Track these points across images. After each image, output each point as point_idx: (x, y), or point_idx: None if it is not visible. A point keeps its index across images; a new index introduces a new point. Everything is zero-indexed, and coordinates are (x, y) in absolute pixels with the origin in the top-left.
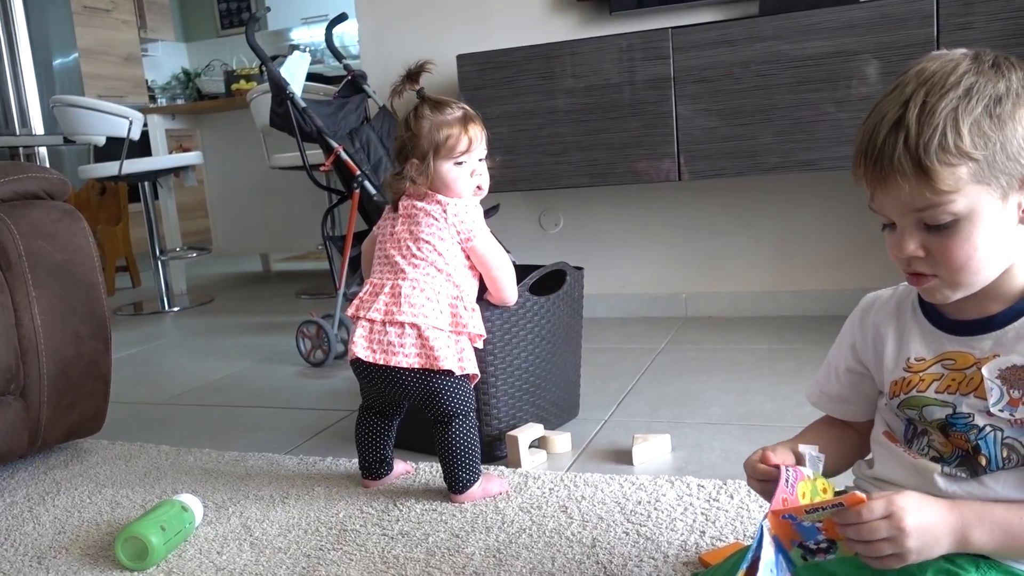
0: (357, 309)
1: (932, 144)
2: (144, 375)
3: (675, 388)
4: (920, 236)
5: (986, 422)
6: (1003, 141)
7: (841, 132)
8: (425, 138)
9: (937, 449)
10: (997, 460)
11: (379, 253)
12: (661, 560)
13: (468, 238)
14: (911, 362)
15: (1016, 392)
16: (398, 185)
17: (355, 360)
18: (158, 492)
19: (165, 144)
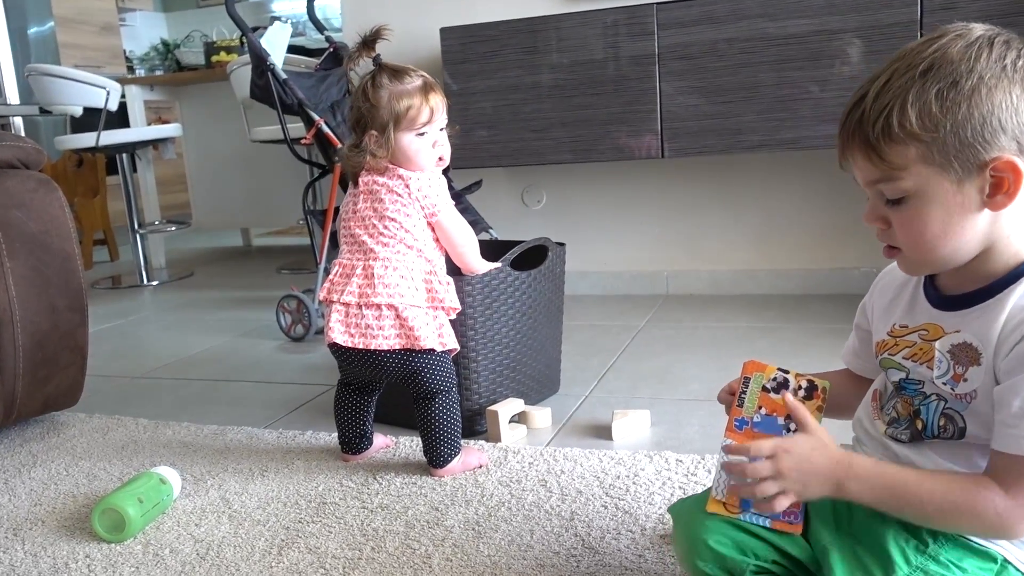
0: (329, 292)
1: (879, 123)
2: (122, 349)
3: (655, 365)
4: (882, 208)
5: (933, 391)
6: (955, 125)
7: (823, 111)
8: (384, 108)
9: (897, 411)
10: (933, 427)
11: (344, 232)
12: (639, 533)
13: (433, 213)
14: (895, 327)
15: (960, 368)
16: (356, 159)
17: (333, 343)
18: (136, 465)
19: (143, 115)
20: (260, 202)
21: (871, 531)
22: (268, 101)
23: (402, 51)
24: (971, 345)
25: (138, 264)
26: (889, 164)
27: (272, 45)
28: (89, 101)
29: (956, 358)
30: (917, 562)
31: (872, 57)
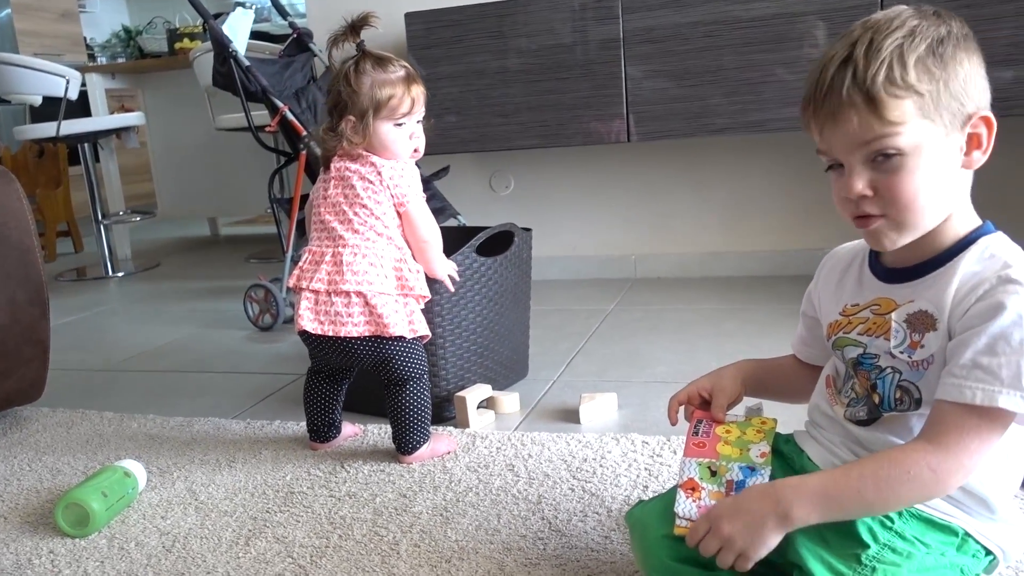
0: (299, 280)
1: (879, 76)
2: (87, 341)
3: (623, 348)
4: (868, 175)
5: (888, 364)
6: (946, 79)
7: (788, 93)
8: (366, 95)
9: (855, 391)
10: (890, 400)
11: (315, 219)
12: (605, 514)
13: (402, 202)
14: (847, 307)
15: (917, 335)
16: (331, 143)
17: (303, 331)
18: (100, 458)
19: (105, 104)
20: (227, 191)
21: None
22: (231, 88)
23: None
24: (927, 312)
25: (103, 255)
26: (889, 119)
27: (234, 31)
28: (49, 90)
29: (912, 326)
30: (884, 539)
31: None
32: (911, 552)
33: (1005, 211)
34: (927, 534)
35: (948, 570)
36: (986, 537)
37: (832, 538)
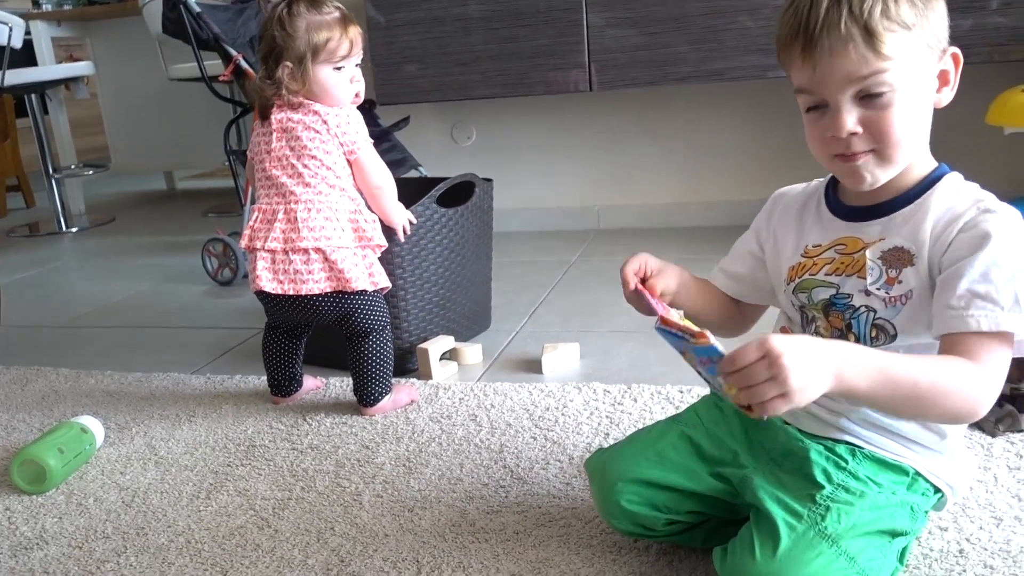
0: (251, 240)
1: (876, 10)
2: (41, 298)
3: (586, 299)
4: (858, 111)
5: (862, 303)
6: (927, 14)
7: (751, 41)
8: (301, 39)
9: (821, 334)
10: (866, 339)
11: (259, 175)
12: (566, 461)
13: (352, 150)
14: (808, 248)
15: (893, 272)
16: (268, 92)
17: (261, 291)
18: (56, 415)
19: (52, 53)
20: (183, 143)
21: (791, 454)
22: (182, 36)
23: None
24: (903, 248)
25: (55, 210)
26: (885, 54)
27: None
28: None
29: (888, 263)
30: (839, 479)
31: None
32: (864, 491)
33: (960, 158)
34: (879, 474)
35: (899, 508)
36: (935, 475)
37: (788, 480)
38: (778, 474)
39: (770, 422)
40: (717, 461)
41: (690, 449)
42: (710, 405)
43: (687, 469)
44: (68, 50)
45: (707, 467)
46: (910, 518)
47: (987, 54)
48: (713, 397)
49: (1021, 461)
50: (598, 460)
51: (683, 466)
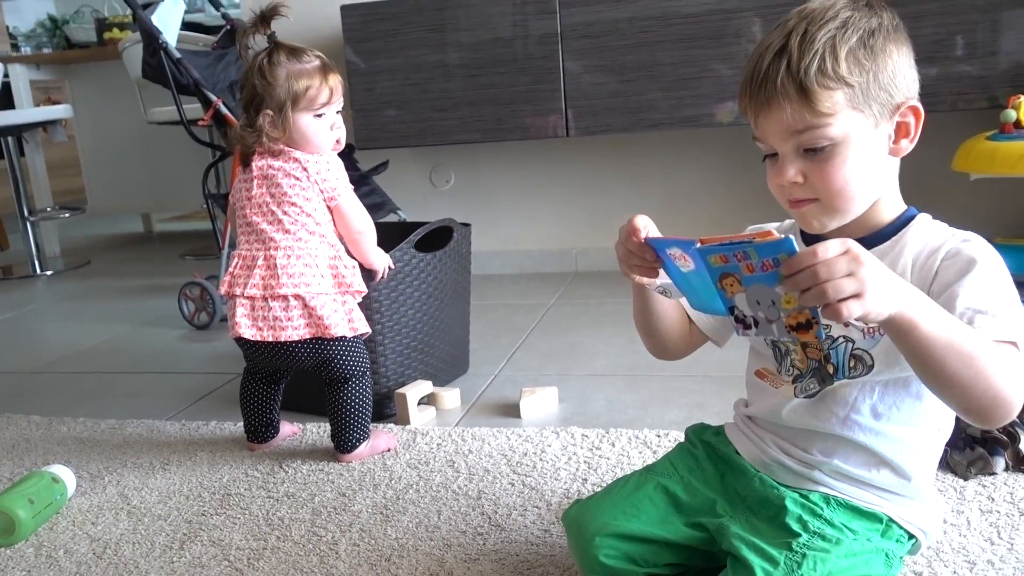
0: (231, 286)
1: (812, 67)
2: (13, 343)
3: (564, 342)
4: (799, 163)
5: (840, 333)
6: (875, 71)
7: (723, 89)
8: (282, 87)
9: (796, 366)
10: (844, 369)
11: (241, 222)
12: (544, 508)
13: (333, 196)
14: None
15: None
16: (250, 140)
17: (240, 338)
18: (27, 464)
19: (30, 96)
20: (161, 186)
21: (767, 502)
22: (162, 81)
23: (302, 29)
24: None
25: (30, 253)
26: (820, 111)
27: (164, 22)
28: None
29: None
30: (815, 527)
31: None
32: (839, 538)
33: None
34: (853, 521)
35: (874, 555)
36: (908, 522)
37: (764, 528)
38: (754, 522)
39: (744, 470)
40: (693, 510)
41: (666, 500)
42: (684, 453)
43: (664, 521)
44: (47, 92)
45: (684, 517)
46: (885, 564)
47: (952, 102)
48: (687, 445)
49: (993, 504)
50: (575, 513)
51: (660, 518)
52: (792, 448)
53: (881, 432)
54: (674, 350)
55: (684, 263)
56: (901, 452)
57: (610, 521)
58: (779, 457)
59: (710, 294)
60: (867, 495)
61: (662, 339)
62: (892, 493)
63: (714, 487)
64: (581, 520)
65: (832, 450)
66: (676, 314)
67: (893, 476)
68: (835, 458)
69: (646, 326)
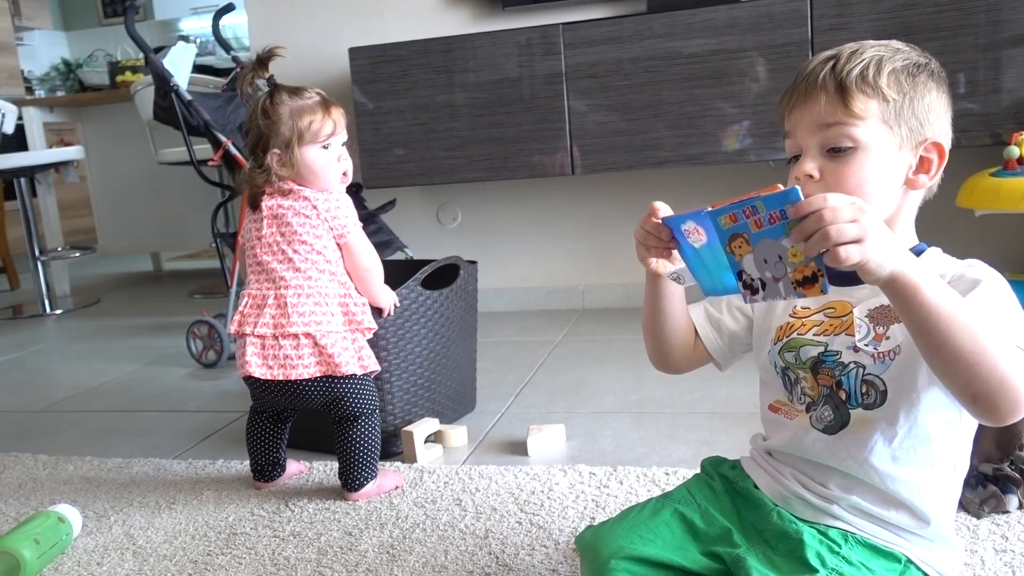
0: (240, 325)
1: (855, 71)
2: (22, 381)
3: (571, 379)
4: (820, 160)
5: (851, 359)
6: (912, 97)
7: (727, 126)
8: (286, 124)
9: (808, 394)
10: (856, 395)
11: (251, 261)
12: (552, 547)
13: (342, 234)
14: (797, 310)
15: (881, 328)
16: (259, 180)
17: (249, 377)
18: (34, 504)
19: (43, 138)
20: (170, 225)
21: (784, 536)
22: (172, 123)
23: (310, 71)
24: (889, 306)
25: (40, 292)
26: (852, 110)
27: (176, 65)
28: None
29: (875, 320)
30: (832, 564)
31: (771, 74)
32: None
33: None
34: (872, 560)
35: None
36: (926, 563)
37: (781, 563)
38: (771, 556)
39: (762, 503)
40: (710, 539)
41: (683, 526)
42: (702, 483)
43: (681, 547)
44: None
45: (700, 545)
46: None
47: (955, 139)
48: (704, 476)
49: (1007, 544)
50: (590, 537)
51: (677, 544)
52: (810, 481)
53: (898, 478)
54: (676, 359)
55: (698, 237)
56: (919, 495)
57: (626, 545)
58: (798, 490)
59: (720, 267)
60: (886, 533)
61: (666, 342)
62: (911, 533)
63: (731, 518)
64: (596, 543)
65: (850, 487)
66: (684, 320)
67: (911, 518)
68: (853, 495)
69: (653, 325)
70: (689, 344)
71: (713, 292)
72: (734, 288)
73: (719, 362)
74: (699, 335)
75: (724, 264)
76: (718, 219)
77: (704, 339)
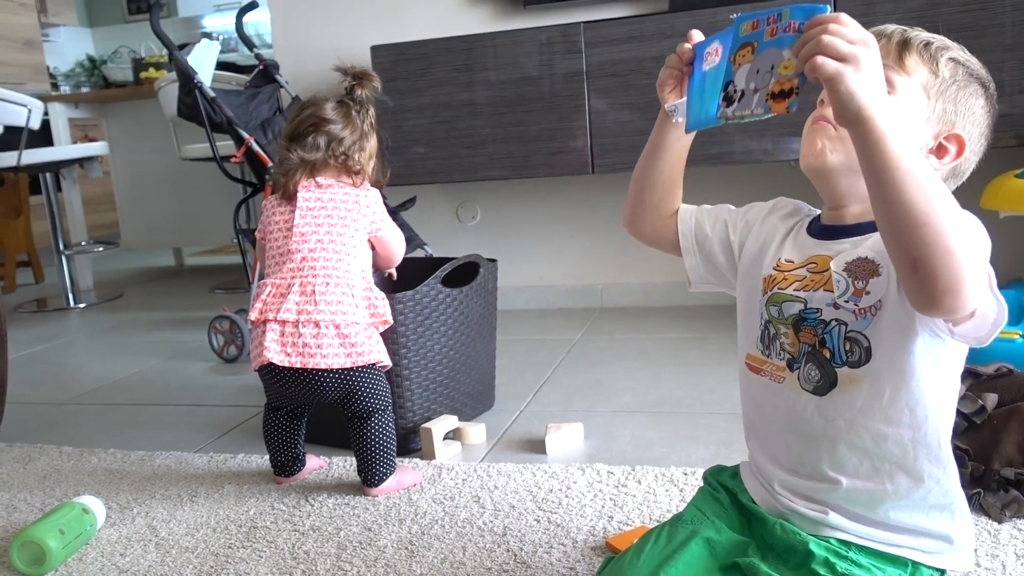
0: (262, 313)
1: (923, 38)
2: (46, 374)
3: (589, 377)
4: None
5: (832, 316)
6: (957, 87)
7: (748, 127)
8: (378, 135)
9: (787, 350)
10: (840, 354)
11: (274, 251)
12: (570, 545)
13: (379, 227)
14: (781, 262)
15: (860, 283)
16: (355, 181)
17: (267, 365)
18: (58, 495)
19: (68, 133)
20: (192, 220)
21: (792, 550)
22: (196, 119)
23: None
24: (867, 258)
25: (64, 286)
26: (904, 62)
27: (199, 63)
28: (9, 119)
29: (853, 274)
30: (842, 568)
31: None
32: None
33: None
34: (880, 562)
35: None
36: (932, 559)
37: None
38: (783, 570)
39: (764, 517)
40: (727, 552)
41: (702, 548)
42: (709, 498)
43: (708, 571)
44: (84, 130)
45: (720, 560)
46: None
47: None
48: (708, 489)
49: None
50: (609, 574)
51: (704, 570)
52: (800, 483)
53: (889, 435)
54: (645, 219)
55: (713, 59)
56: (911, 453)
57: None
58: (791, 504)
59: (714, 93)
60: (887, 535)
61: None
62: (913, 533)
63: (744, 532)
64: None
65: (842, 463)
66: (671, 179)
67: (906, 479)
68: (846, 474)
69: (645, 168)
70: (664, 213)
71: (695, 124)
72: (713, 118)
73: (684, 243)
74: (679, 220)
75: (718, 89)
76: (742, 24)
77: (681, 221)
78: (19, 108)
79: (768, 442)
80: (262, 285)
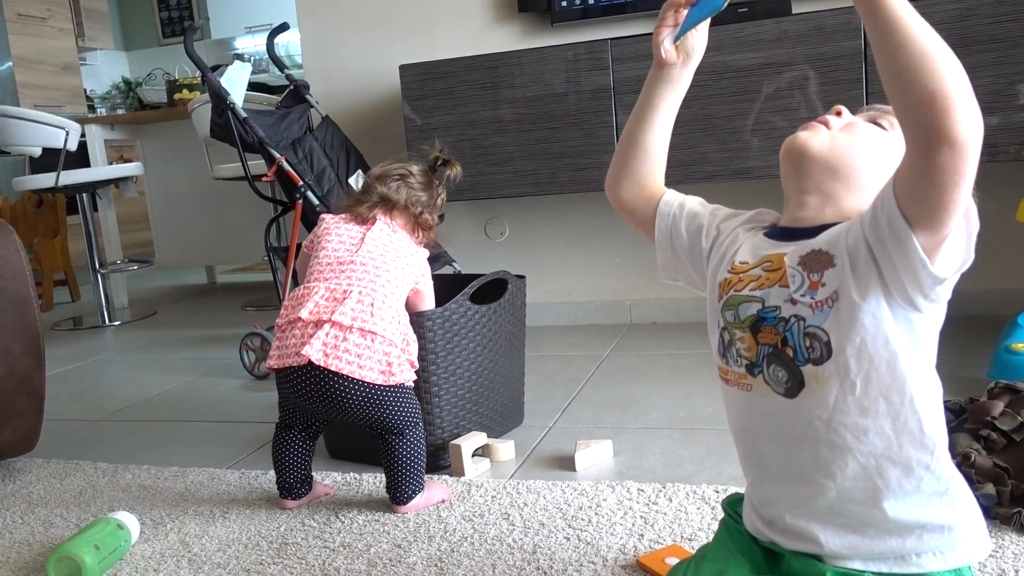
0: (312, 314)
1: None
2: (82, 391)
3: (618, 394)
4: (860, 116)
5: (790, 312)
6: None
7: (775, 141)
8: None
9: (743, 355)
10: (802, 351)
11: (333, 258)
12: (600, 564)
13: (419, 283)
14: (736, 264)
15: (815, 276)
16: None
17: (292, 370)
18: (93, 510)
19: (104, 155)
20: (224, 239)
21: None
22: (228, 139)
23: (361, 88)
24: (821, 250)
25: (99, 304)
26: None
27: (232, 84)
28: (48, 142)
29: (808, 267)
30: None
31: (821, 87)
32: None
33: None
34: None
35: None
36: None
37: None
38: None
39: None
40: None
41: None
42: (732, 530)
43: None
44: (119, 151)
45: None
46: None
47: (1015, 152)
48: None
49: None
50: None
51: None
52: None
53: (870, 429)
54: (627, 183)
55: None
56: (896, 444)
57: None
58: (788, 545)
59: None
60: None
61: (630, 155)
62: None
63: (769, 563)
64: None
65: (827, 465)
66: (657, 148)
67: (899, 472)
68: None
69: (631, 128)
70: (643, 184)
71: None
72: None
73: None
74: (658, 212)
75: None
76: None
77: (659, 214)
78: (57, 130)
79: (752, 456)
80: (308, 287)
